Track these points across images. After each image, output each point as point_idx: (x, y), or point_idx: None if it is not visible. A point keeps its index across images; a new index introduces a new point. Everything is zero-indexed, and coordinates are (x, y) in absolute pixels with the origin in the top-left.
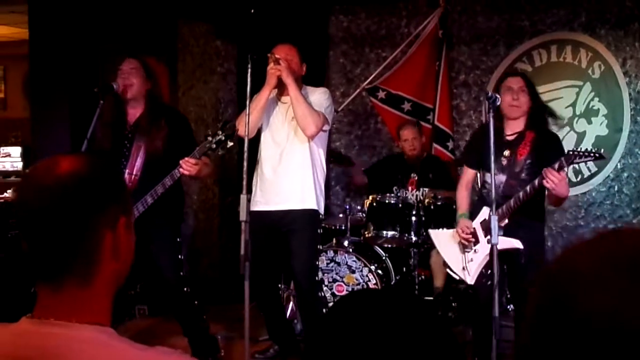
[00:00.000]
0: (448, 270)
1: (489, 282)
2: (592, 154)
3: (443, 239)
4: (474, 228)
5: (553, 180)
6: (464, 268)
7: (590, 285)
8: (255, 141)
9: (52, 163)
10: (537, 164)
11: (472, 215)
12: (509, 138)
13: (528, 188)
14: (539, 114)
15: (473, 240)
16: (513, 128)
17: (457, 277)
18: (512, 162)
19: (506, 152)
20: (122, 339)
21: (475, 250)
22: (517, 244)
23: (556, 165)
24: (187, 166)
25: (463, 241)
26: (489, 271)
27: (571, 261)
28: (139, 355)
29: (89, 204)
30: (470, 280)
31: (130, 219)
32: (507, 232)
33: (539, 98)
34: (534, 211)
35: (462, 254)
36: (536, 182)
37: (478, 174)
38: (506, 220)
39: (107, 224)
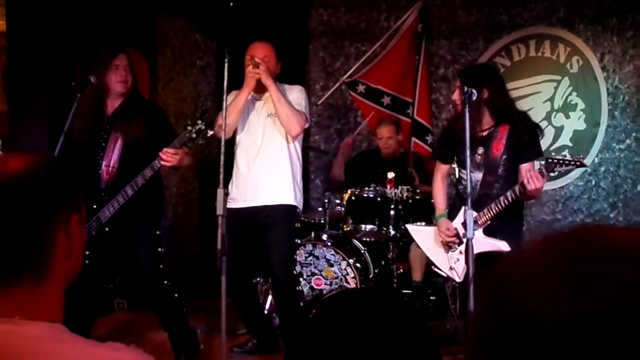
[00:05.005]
0: (435, 269)
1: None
2: (573, 162)
3: (425, 237)
4: (456, 229)
5: (537, 185)
6: (451, 268)
7: (529, 277)
8: (232, 135)
9: (1, 162)
10: (514, 160)
11: (451, 213)
12: (482, 134)
13: (509, 194)
14: (505, 107)
15: (457, 241)
16: (485, 124)
17: (445, 275)
18: (487, 159)
19: (480, 150)
20: (73, 335)
21: (460, 251)
22: (503, 246)
23: (538, 172)
24: (167, 157)
25: (448, 243)
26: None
27: (518, 255)
28: (91, 350)
29: (40, 203)
30: (459, 279)
31: (82, 216)
32: (488, 232)
33: (501, 92)
34: (514, 212)
35: (446, 254)
36: (516, 188)
37: (456, 169)
38: (488, 221)
39: (59, 222)
